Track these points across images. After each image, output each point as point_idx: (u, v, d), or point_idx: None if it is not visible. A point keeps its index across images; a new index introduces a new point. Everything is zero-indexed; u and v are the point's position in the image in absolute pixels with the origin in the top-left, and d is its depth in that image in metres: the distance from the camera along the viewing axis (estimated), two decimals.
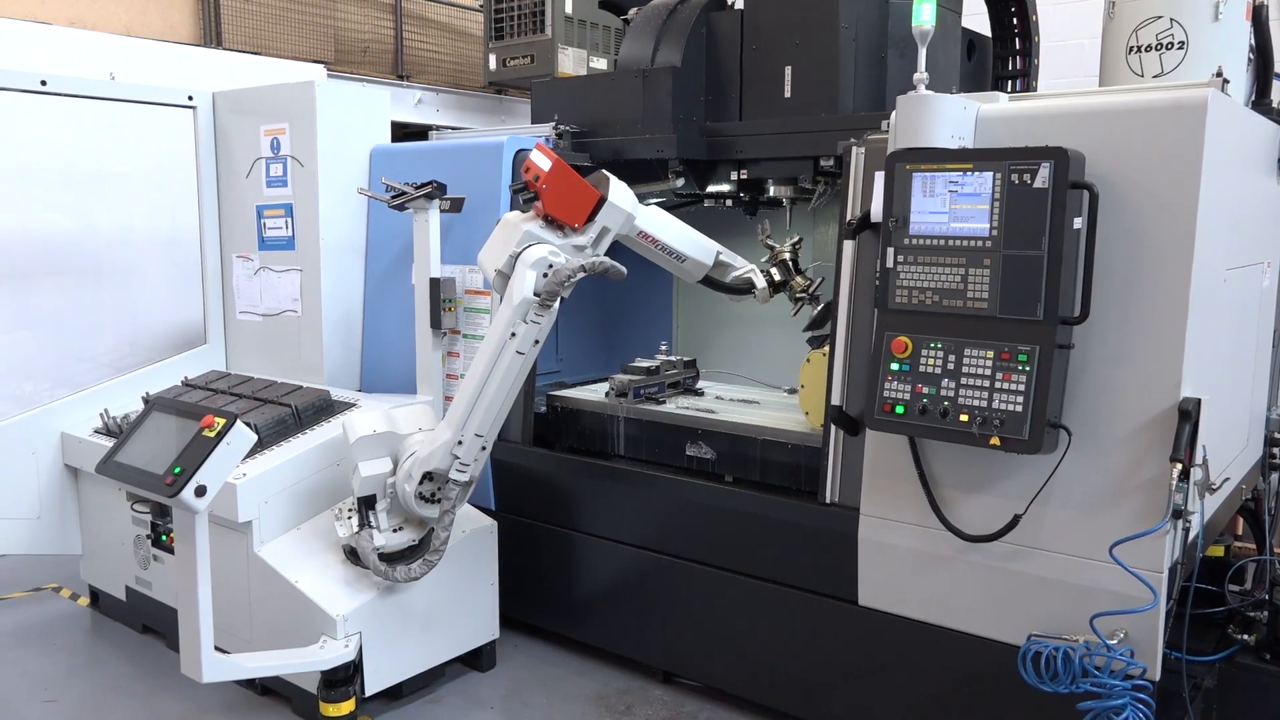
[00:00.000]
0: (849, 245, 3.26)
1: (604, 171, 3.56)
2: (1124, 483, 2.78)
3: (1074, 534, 2.86)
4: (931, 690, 3.22)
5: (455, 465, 3.49)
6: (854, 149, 3.29)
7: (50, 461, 4.42)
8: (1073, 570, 2.86)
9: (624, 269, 3.49)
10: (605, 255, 3.53)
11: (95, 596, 4.75)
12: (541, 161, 3.40)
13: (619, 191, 3.52)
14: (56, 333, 5.28)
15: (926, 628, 3.17)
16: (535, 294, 3.35)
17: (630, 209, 3.54)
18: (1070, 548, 2.87)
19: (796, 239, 3.91)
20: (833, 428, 3.32)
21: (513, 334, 3.40)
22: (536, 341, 3.45)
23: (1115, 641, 2.74)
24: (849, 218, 3.27)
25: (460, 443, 3.46)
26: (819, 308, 3.78)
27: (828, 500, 3.37)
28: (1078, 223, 2.71)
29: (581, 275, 3.38)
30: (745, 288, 3.88)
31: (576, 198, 3.46)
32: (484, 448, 3.53)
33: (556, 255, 3.40)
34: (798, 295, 3.87)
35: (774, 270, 3.86)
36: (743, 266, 3.89)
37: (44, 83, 4.18)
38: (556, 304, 3.41)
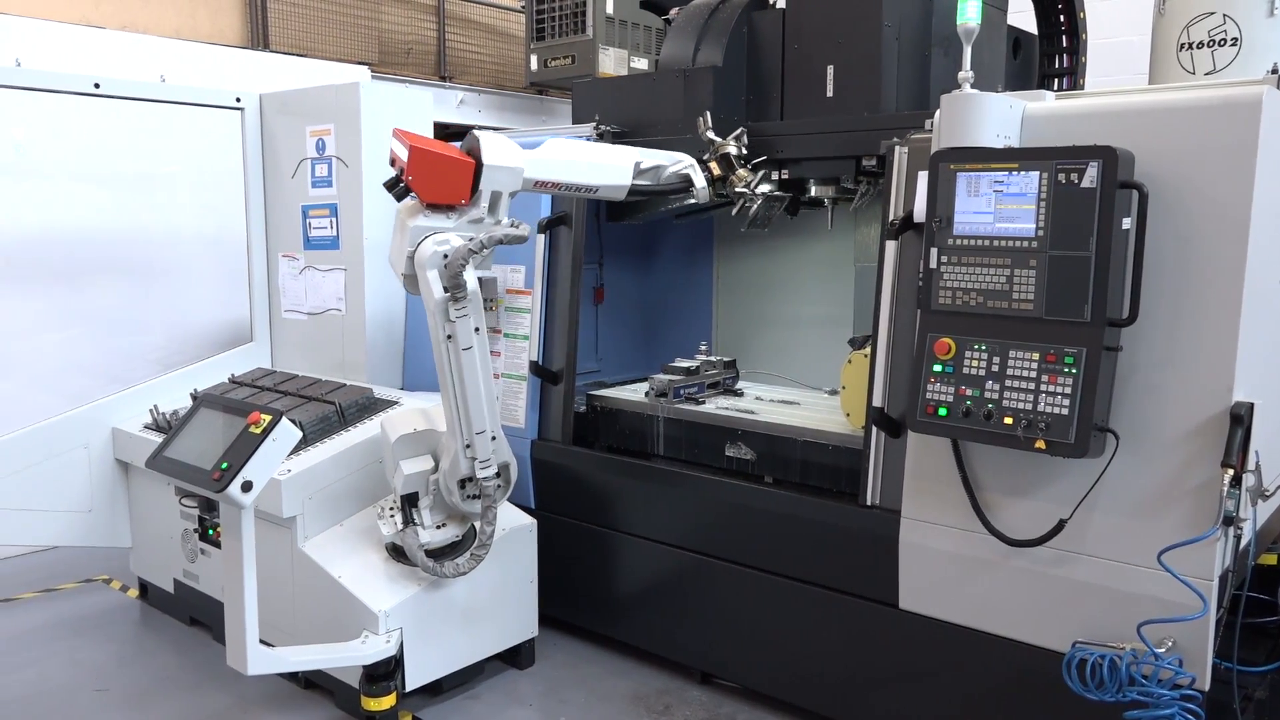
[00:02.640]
0: (891, 245, 3.23)
1: (474, 132, 3.31)
2: (1173, 488, 2.72)
3: (1121, 540, 2.81)
4: (973, 696, 3.19)
5: (477, 464, 3.52)
6: (897, 148, 3.27)
7: (101, 456, 4.52)
8: (1119, 576, 2.81)
9: (524, 233, 3.30)
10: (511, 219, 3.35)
11: (144, 588, 4.85)
12: (400, 149, 3.18)
13: (495, 150, 3.26)
14: (108, 330, 5.41)
15: (968, 633, 3.14)
16: (444, 289, 3.21)
17: (515, 163, 3.28)
18: (1117, 553, 2.82)
19: (739, 130, 3.69)
20: (874, 429, 3.29)
21: (449, 336, 3.29)
22: (477, 329, 3.32)
23: (1163, 650, 2.69)
24: (891, 218, 3.25)
25: (469, 445, 3.49)
26: (756, 204, 3.58)
27: (868, 503, 3.34)
28: (1126, 223, 2.66)
29: (484, 250, 3.20)
30: (681, 185, 3.67)
31: (449, 174, 3.21)
32: (493, 437, 3.52)
33: (444, 244, 3.20)
34: (738, 190, 3.65)
35: (714, 165, 3.66)
36: (677, 163, 3.66)
37: (97, 85, 4.27)
38: (472, 284, 3.23)
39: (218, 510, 3.54)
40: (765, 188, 3.69)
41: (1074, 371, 2.67)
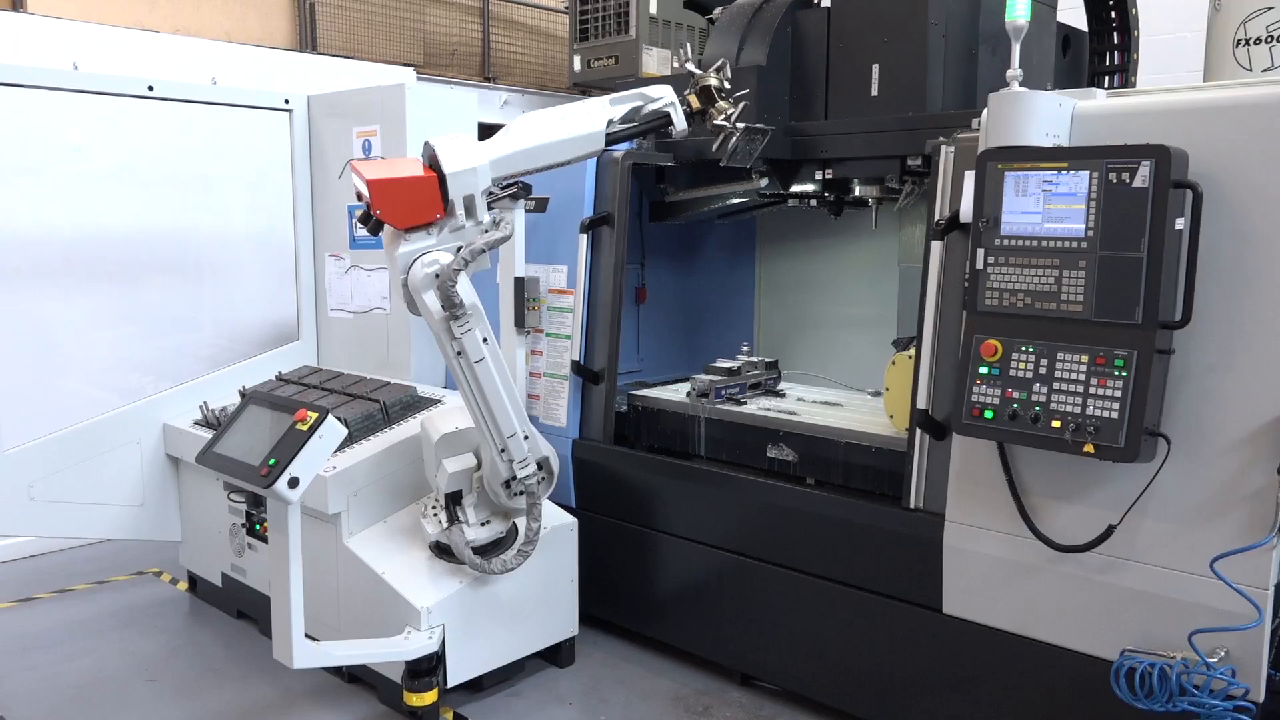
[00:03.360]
0: (937, 246, 3.20)
1: (427, 140, 3.20)
2: (1227, 494, 2.67)
3: (1172, 546, 2.75)
4: (1018, 703, 3.14)
5: (515, 465, 3.55)
6: (943, 148, 3.23)
7: (153, 451, 4.61)
8: (1170, 584, 2.76)
9: (508, 232, 3.23)
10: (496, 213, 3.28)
11: (193, 581, 4.94)
12: (359, 183, 3.10)
13: (455, 155, 3.13)
14: (160, 328, 5.51)
15: (1013, 639, 3.09)
16: (443, 309, 3.16)
17: (477, 162, 3.15)
18: (1168, 560, 2.76)
19: (720, 61, 3.58)
20: (918, 431, 3.26)
21: (458, 353, 3.28)
22: (485, 339, 3.29)
23: (1216, 660, 2.63)
24: (937, 218, 3.21)
25: (503, 450, 3.51)
26: (734, 137, 3.47)
27: (912, 505, 3.31)
28: (1180, 223, 2.61)
29: (474, 256, 3.13)
30: (661, 122, 3.56)
31: (415, 195, 3.11)
32: (526, 436, 3.54)
33: (433, 264, 3.12)
34: (717, 123, 3.56)
35: (694, 98, 3.56)
36: (654, 101, 3.54)
37: (151, 88, 4.36)
38: (470, 297, 3.19)
39: (265, 506, 3.59)
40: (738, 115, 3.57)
41: (1124, 374, 2.62)
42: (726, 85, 3.59)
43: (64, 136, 5.13)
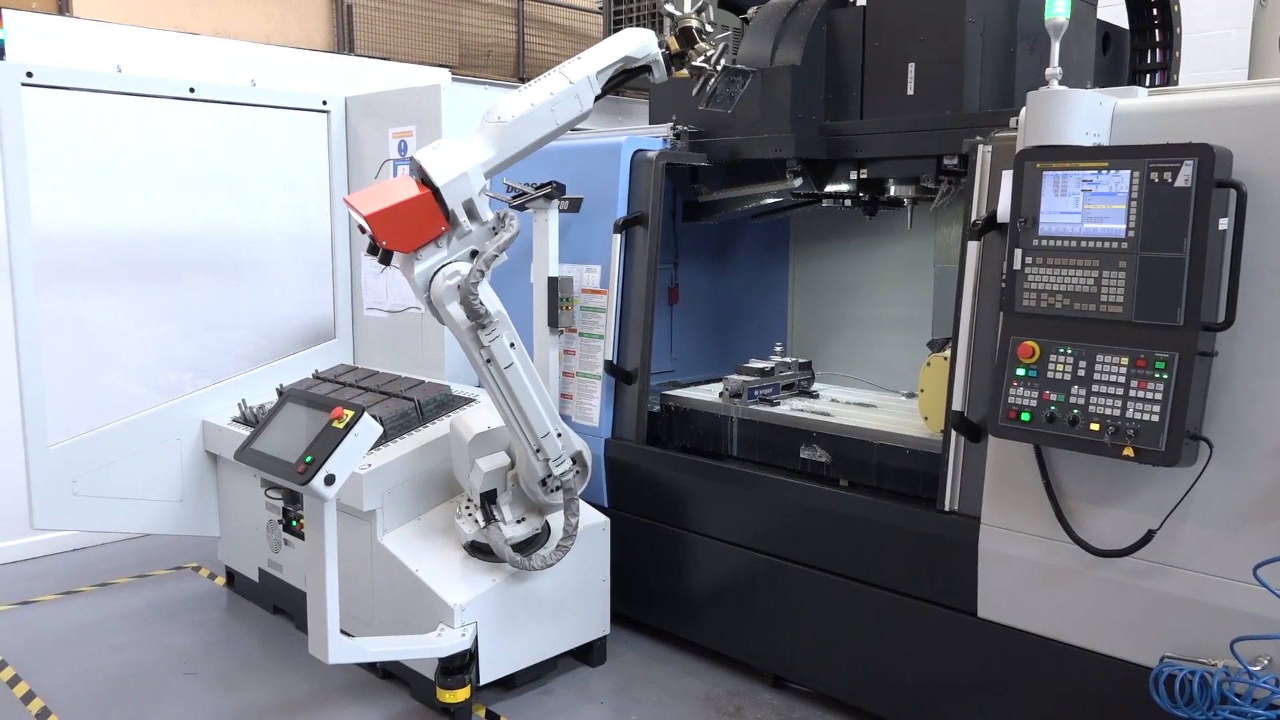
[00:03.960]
0: (973, 246, 3.16)
1: (413, 157, 3.16)
2: (1270, 499, 2.61)
3: (1213, 552, 2.71)
4: (1053, 709, 3.10)
5: (550, 463, 3.57)
6: (980, 147, 3.20)
7: (192, 448, 4.68)
8: (1211, 590, 2.71)
9: (517, 228, 3.21)
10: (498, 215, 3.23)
11: (231, 576, 5.01)
12: (359, 219, 3.06)
13: (443, 165, 3.09)
14: (199, 326, 5.58)
15: (1050, 644, 3.06)
16: (469, 318, 3.17)
17: (467, 165, 3.10)
18: (1209, 566, 2.72)
19: (701, 3, 3.50)
20: (953, 433, 3.23)
21: (488, 360, 3.29)
22: (512, 344, 3.31)
23: (1259, 668, 2.59)
24: (974, 218, 3.18)
25: (538, 450, 3.53)
26: (714, 79, 3.40)
27: (946, 508, 3.28)
28: (1223, 223, 2.57)
29: (490, 264, 3.11)
30: (636, 72, 3.52)
31: (414, 217, 3.07)
32: (559, 434, 3.57)
33: (454, 275, 3.14)
34: (695, 65, 3.49)
35: (673, 40, 3.49)
36: (640, 58, 3.49)
37: (192, 90, 4.43)
38: (494, 305, 3.20)
39: (302, 502, 3.63)
40: (726, 62, 3.52)
41: (1165, 377, 2.58)
42: (708, 28, 3.51)
43: (108, 138, 5.22)
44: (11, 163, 3.88)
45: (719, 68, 3.50)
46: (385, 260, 3.15)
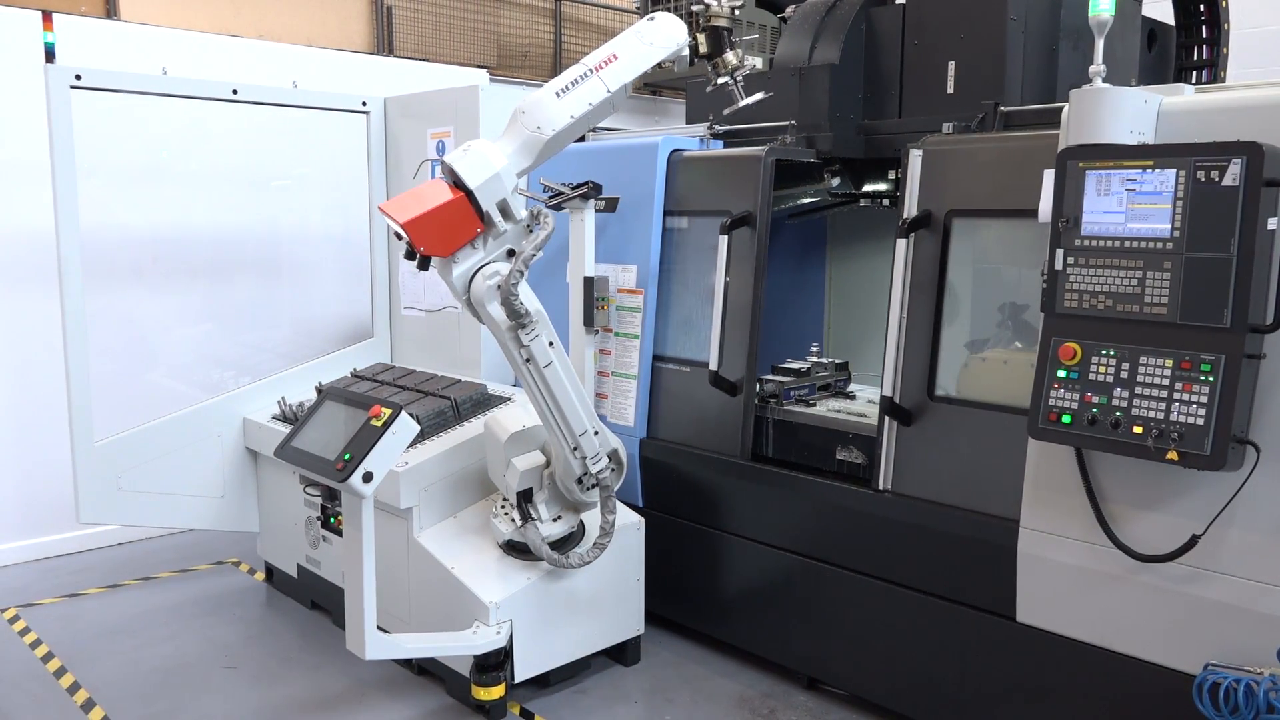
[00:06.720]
0: (902, 243, 3.33)
1: (444, 159, 3.17)
2: None
3: (1260, 558, 2.65)
4: (1093, 715, 3.05)
5: (587, 461, 3.59)
6: (912, 150, 3.38)
7: (233, 445, 4.75)
8: (1258, 597, 2.66)
9: (552, 225, 3.20)
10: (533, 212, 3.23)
11: (270, 572, 5.08)
12: (395, 226, 3.07)
13: (475, 167, 3.09)
14: (241, 325, 5.68)
15: (1090, 649, 3.01)
16: (509, 318, 3.18)
17: (500, 167, 3.10)
18: (1255, 573, 2.66)
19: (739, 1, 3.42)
20: (885, 419, 3.32)
21: (527, 360, 3.30)
22: (551, 344, 3.32)
23: None
24: (902, 218, 3.30)
25: (576, 448, 3.54)
26: (740, 105, 3.43)
27: (879, 487, 3.28)
28: (1272, 223, 2.52)
29: (529, 263, 3.10)
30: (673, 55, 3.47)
31: (450, 221, 3.08)
32: (596, 432, 3.58)
33: (494, 275, 3.15)
34: (721, 75, 3.42)
35: (702, 38, 3.41)
36: (671, 55, 3.42)
37: (235, 91, 4.49)
38: (533, 304, 3.20)
39: (340, 499, 3.67)
40: (756, 62, 3.50)
41: (1211, 379, 2.53)
42: (733, 28, 3.46)
43: (153, 139, 5.32)
44: (61, 163, 3.96)
45: (741, 84, 3.52)
46: (423, 265, 3.18)
